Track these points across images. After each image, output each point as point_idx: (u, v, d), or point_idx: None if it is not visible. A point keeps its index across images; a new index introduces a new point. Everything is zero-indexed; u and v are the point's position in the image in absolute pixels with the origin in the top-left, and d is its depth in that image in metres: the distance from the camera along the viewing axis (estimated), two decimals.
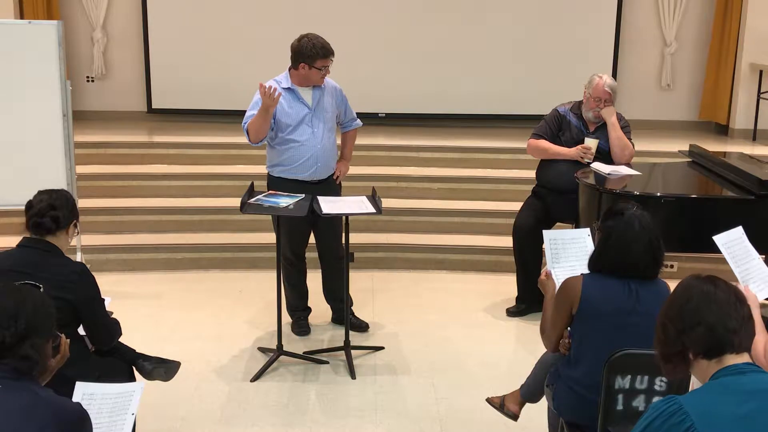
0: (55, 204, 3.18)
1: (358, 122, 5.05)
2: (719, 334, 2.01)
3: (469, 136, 7.63)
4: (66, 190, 3.37)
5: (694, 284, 2.10)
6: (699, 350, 2.03)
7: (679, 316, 2.07)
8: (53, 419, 2.08)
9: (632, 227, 2.97)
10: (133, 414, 2.67)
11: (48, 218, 3.15)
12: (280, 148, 4.70)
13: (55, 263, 3.13)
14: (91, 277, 3.21)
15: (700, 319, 2.03)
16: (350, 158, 5.03)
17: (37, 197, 3.24)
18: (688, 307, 2.06)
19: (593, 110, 5.13)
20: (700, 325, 2.03)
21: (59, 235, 3.20)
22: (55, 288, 3.02)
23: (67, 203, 3.25)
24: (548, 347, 3.23)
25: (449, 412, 4.10)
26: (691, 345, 2.04)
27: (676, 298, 2.12)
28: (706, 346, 2.02)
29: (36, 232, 3.18)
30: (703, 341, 2.02)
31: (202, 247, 6.18)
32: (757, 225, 4.00)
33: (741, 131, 7.99)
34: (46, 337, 2.23)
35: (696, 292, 2.08)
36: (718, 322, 2.02)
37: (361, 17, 7.89)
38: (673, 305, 2.11)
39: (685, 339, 2.04)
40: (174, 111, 8.18)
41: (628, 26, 8.19)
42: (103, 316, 3.25)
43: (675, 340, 2.06)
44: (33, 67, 5.26)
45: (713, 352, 2.02)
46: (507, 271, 5.74)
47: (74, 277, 3.12)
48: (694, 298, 2.07)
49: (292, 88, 4.66)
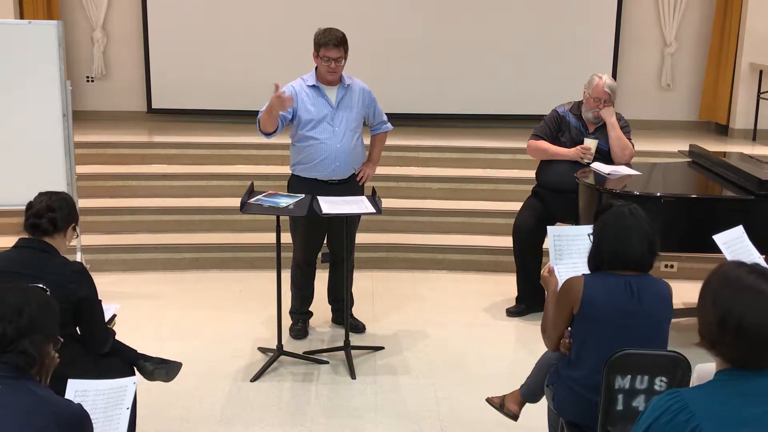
0: (53, 206, 3.19)
1: (388, 126, 5.00)
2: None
3: (469, 136, 7.63)
4: (67, 193, 3.38)
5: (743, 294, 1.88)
6: (726, 358, 1.91)
7: (717, 324, 1.90)
8: (54, 420, 2.08)
9: (624, 216, 3.01)
10: (127, 408, 2.67)
11: (45, 219, 3.16)
12: (300, 146, 4.70)
13: (53, 263, 3.13)
14: (89, 277, 3.21)
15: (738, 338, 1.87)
16: (377, 161, 4.97)
17: (37, 198, 3.24)
18: (730, 320, 1.87)
19: (593, 110, 5.13)
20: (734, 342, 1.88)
21: (56, 237, 3.20)
22: (54, 288, 3.01)
23: (66, 206, 3.25)
24: (549, 346, 3.24)
25: (449, 412, 4.10)
26: (720, 352, 1.92)
27: (719, 300, 1.91)
28: (732, 358, 1.91)
29: (33, 233, 3.18)
30: (732, 355, 1.90)
31: (202, 247, 6.18)
32: (757, 225, 4.01)
33: (741, 131, 7.99)
34: (48, 337, 2.24)
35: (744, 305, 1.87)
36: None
37: (360, 17, 7.88)
38: (717, 307, 1.90)
39: (718, 347, 1.92)
40: (174, 111, 8.18)
41: (628, 26, 8.19)
42: (99, 318, 3.24)
43: (707, 338, 1.93)
44: (33, 67, 5.26)
45: (737, 363, 1.90)
46: (507, 271, 5.74)
47: (73, 277, 3.13)
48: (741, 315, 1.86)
49: (316, 85, 4.65)
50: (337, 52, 4.54)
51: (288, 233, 4.84)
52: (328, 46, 4.53)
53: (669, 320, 3.04)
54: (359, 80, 4.79)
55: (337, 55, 4.54)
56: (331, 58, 4.54)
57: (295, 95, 4.62)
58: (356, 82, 4.76)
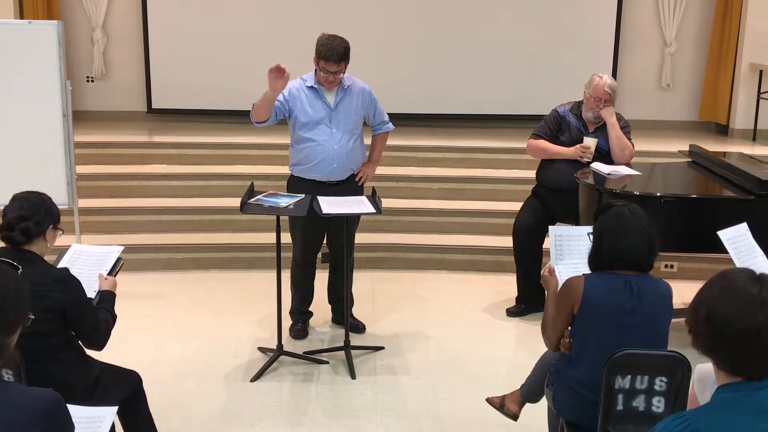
0: (24, 214, 3.03)
1: (390, 126, 4.99)
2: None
3: (469, 136, 7.63)
4: (41, 193, 3.17)
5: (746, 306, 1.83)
6: (722, 367, 1.88)
7: (710, 334, 1.87)
8: (33, 413, 1.99)
9: (624, 216, 3.02)
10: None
11: (17, 232, 3.02)
12: (298, 147, 4.70)
13: (36, 273, 2.97)
14: (75, 281, 3.09)
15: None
16: (378, 161, 4.98)
17: (9, 206, 3.08)
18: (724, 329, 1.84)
19: (593, 110, 5.13)
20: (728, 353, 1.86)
21: (36, 242, 3.07)
22: (39, 298, 2.90)
23: (39, 210, 3.07)
24: (549, 346, 3.24)
25: (449, 412, 4.10)
26: (715, 362, 1.90)
27: (715, 306, 1.87)
28: (728, 368, 1.87)
29: (9, 244, 3.05)
30: (727, 365, 1.87)
31: (202, 247, 6.19)
32: (757, 225, 4.00)
33: (741, 131, 7.99)
34: (15, 322, 2.11)
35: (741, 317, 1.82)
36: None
37: (360, 18, 7.89)
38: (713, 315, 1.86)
39: (711, 355, 1.89)
40: (174, 111, 8.19)
41: (628, 26, 8.19)
42: (91, 319, 3.14)
43: (701, 347, 1.90)
44: (33, 67, 5.26)
45: (734, 373, 1.87)
46: (507, 271, 5.74)
47: (57, 286, 3.01)
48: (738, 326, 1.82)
49: (315, 87, 4.65)
50: (336, 66, 4.53)
51: (288, 233, 4.84)
52: (328, 61, 4.51)
53: (669, 320, 3.04)
54: (360, 80, 4.79)
55: (336, 69, 4.54)
56: (330, 71, 4.55)
57: (293, 96, 4.63)
58: (356, 82, 4.75)
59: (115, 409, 2.63)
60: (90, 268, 3.36)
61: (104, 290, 3.32)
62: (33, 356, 2.91)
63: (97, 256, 3.46)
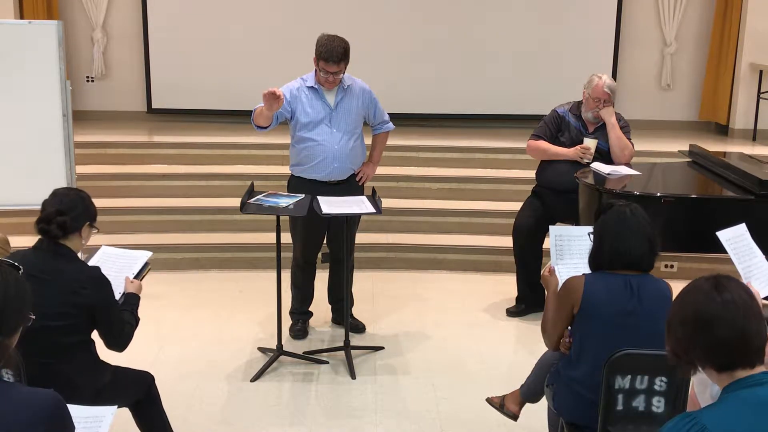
0: (62, 209, 3.09)
1: (390, 125, 4.99)
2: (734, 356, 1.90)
3: (469, 136, 7.63)
4: (80, 190, 3.28)
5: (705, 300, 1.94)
6: (709, 365, 1.93)
7: (689, 336, 1.94)
8: (33, 414, 1.99)
9: (624, 216, 3.02)
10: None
11: (54, 225, 3.07)
12: (299, 147, 4.71)
13: (69, 269, 3.05)
14: (107, 281, 3.13)
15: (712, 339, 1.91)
16: (378, 161, 4.98)
17: (48, 200, 3.15)
18: (700, 327, 1.92)
19: (592, 111, 5.13)
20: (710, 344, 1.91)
21: (72, 238, 3.13)
22: (69, 293, 2.99)
23: (77, 206, 3.16)
24: (549, 346, 3.24)
25: (449, 412, 4.10)
26: (699, 360, 1.94)
27: (685, 311, 1.97)
28: (717, 363, 1.92)
29: (44, 237, 3.10)
30: (713, 360, 1.92)
31: (202, 247, 6.19)
32: (757, 225, 4.00)
33: (741, 131, 7.99)
34: (16, 322, 2.10)
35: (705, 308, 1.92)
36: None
37: (359, 18, 7.89)
38: (685, 321, 1.96)
39: (693, 354, 1.94)
40: (174, 111, 8.18)
41: (628, 26, 8.19)
42: (117, 320, 3.18)
43: (684, 353, 1.96)
44: (33, 67, 5.26)
45: (724, 368, 1.91)
46: (507, 271, 5.74)
47: (88, 283, 3.05)
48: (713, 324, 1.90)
49: (315, 87, 4.65)
50: (336, 67, 4.53)
51: (288, 233, 4.84)
52: (328, 62, 4.51)
53: None
54: (360, 80, 4.79)
55: (335, 70, 4.54)
56: (330, 72, 4.55)
57: (294, 97, 4.63)
58: (357, 82, 4.76)
59: (114, 409, 2.64)
60: (117, 271, 3.39)
61: (129, 293, 3.36)
62: (48, 352, 2.92)
63: (126, 259, 3.51)
